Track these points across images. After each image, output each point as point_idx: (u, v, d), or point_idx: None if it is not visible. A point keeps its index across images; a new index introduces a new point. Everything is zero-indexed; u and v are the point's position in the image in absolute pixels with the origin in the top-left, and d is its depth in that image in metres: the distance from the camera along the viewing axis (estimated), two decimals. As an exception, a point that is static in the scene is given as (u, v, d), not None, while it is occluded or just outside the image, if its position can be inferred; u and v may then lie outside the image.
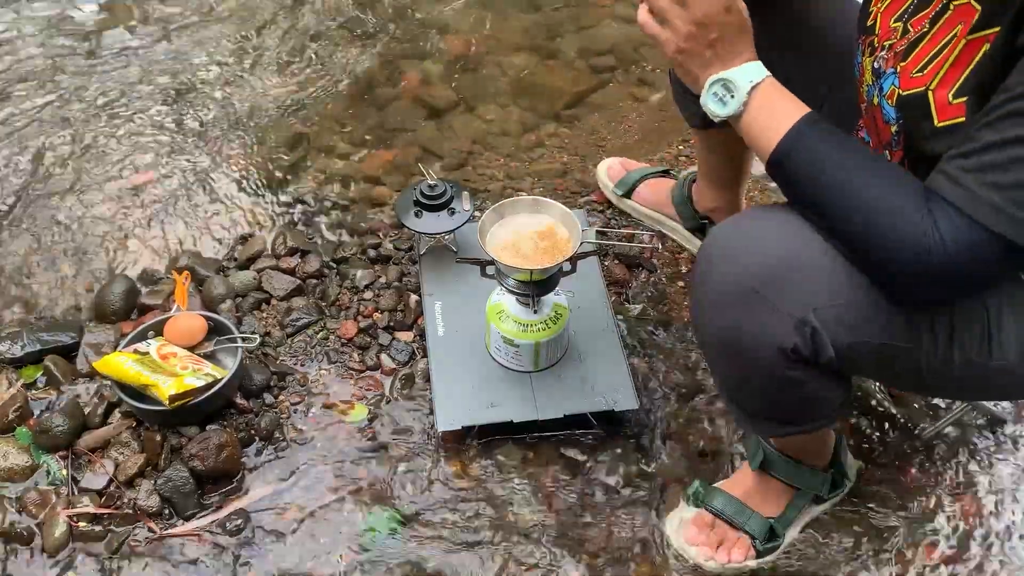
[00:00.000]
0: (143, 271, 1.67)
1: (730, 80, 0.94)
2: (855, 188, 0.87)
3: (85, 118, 1.98)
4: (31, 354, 1.49)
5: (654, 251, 1.72)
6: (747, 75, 0.94)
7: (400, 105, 2.05)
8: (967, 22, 0.84)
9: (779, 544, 1.29)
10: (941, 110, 0.86)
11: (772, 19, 1.21)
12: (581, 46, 2.21)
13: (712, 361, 1.11)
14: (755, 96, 0.94)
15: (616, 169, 1.79)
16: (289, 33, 2.24)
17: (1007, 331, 0.96)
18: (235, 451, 1.36)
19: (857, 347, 0.94)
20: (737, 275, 0.95)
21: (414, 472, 1.38)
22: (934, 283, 0.85)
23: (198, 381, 1.35)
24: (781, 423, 1.10)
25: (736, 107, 0.94)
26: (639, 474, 1.39)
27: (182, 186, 1.84)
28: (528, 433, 1.41)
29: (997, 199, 0.79)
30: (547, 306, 1.39)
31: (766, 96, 0.94)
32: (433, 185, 1.52)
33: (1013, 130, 0.77)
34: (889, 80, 0.94)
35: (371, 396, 1.48)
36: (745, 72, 0.94)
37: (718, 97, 0.95)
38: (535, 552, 1.30)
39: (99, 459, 1.36)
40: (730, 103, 0.94)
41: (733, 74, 0.94)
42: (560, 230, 1.35)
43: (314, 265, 1.66)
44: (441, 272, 1.57)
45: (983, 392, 1.17)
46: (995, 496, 1.38)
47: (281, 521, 1.32)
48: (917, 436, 1.45)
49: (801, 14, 1.26)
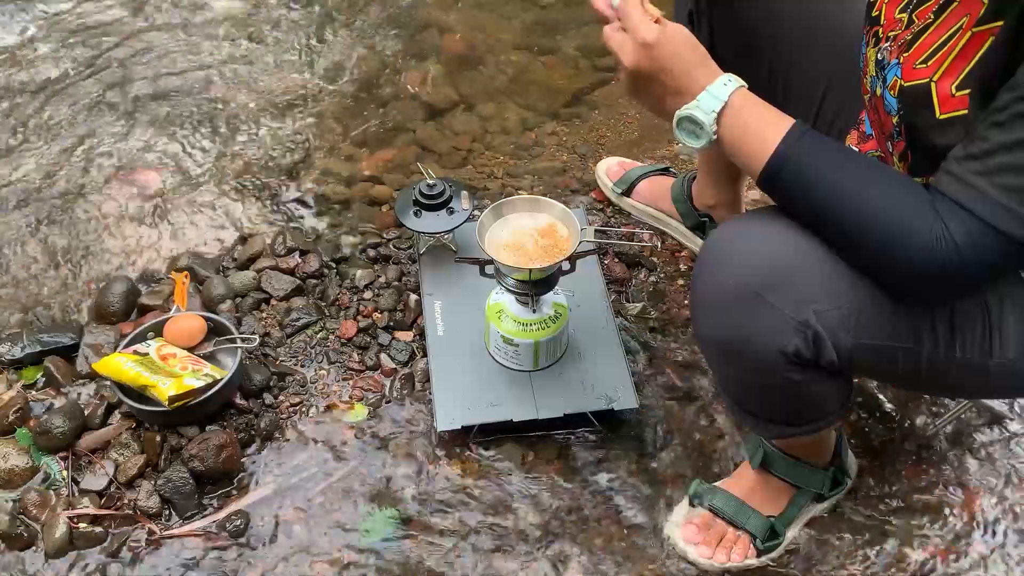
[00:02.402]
0: (143, 271, 1.67)
1: (691, 116, 0.92)
2: (856, 195, 0.86)
3: (84, 118, 1.98)
4: (31, 355, 1.49)
5: (654, 249, 1.72)
6: (709, 104, 0.91)
7: (399, 104, 2.04)
8: (973, 14, 0.84)
9: (780, 543, 1.29)
10: (943, 102, 0.86)
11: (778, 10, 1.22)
12: (581, 44, 2.21)
13: (712, 362, 1.11)
14: (725, 121, 0.91)
15: (615, 170, 1.79)
16: (289, 32, 2.23)
17: (1008, 329, 0.95)
18: (235, 451, 1.36)
19: (858, 348, 0.94)
20: (738, 277, 0.94)
21: (414, 472, 1.38)
22: (945, 285, 0.85)
23: (198, 382, 1.35)
24: (781, 424, 1.10)
25: (708, 139, 0.92)
26: (639, 473, 1.39)
27: (182, 186, 1.84)
28: (528, 432, 1.41)
29: (1009, 201, 0.79)
30: (546, 305, 1.39)
31: (737, 116, 0.91)
32: (432, 184, 1.52)
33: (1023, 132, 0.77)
34: (892, 71, 0.93)
35: (371, 396, 1.48)
36: (706, 101, 0.91)
37: (689, 132, 0.94)
38: (535, 551, 1.30)
39: (99, 460, 1.36)
40: (702, 135, 0.93)
41: (693, 109, 0.92)
42: (560, 229, 1.34)
43: (314, 265, 1.66)
44: (441, 271, 1.57)
45: (984, 390, 1.17)
46: (996, 494, 1.38)
47: (281, 521, 1.32)
48: (918, 434, 1.45)
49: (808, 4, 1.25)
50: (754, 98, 0.93)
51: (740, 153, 0.93)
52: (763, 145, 0.90)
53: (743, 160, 0.93)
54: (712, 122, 0.91)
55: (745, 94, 0.92)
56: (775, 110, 0.92)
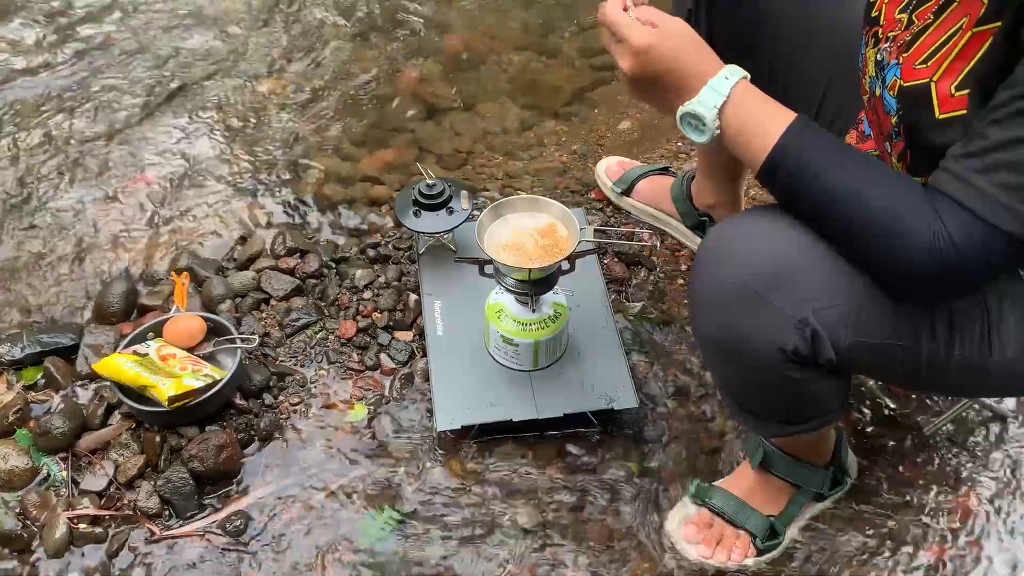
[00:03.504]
0: (142, 272, 1.67)
1: (694, 112, 0.92)
2: (856, 193, 0.86)
3: (83, 117, 1.98)
4: (31, 356, 1.49)
5: (653, 249, 1.72)
6: (710, 99, 0.91)
7: (399, 104, 2.04)
8: (973, 14, 0.84)
9: (779, 542, 1.29)
10: (943, 102, 0.86)
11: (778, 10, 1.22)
12: (580, 44, 2.21)
13: (711, 361, 1.11)
14: (727, 115, 0.91)
15: (615, 169, 1.79)
16: (288, 32, 2.23)
17: (1007, 327, 0.95)
18: (235, 452, 1.36)
19: (857, 347, 0.94)
20: (736, 275, 0.94)
21: (414, 472, 1.38)
22: (944, 282, 0.85)
23: (197, 382, 1.35)
24: (781, 423, 1.10)
25: (711, 133, 0.92)
26: (639, 473, 1.39)
27: (181, 186, 1.84)
28: (528, 432, 1.41)
29: (1007, 199, 0.79)
30: (546, 305, 1.39)
31: (739, 110, 0.91)
32: (432, 184, 1.52)
33: (1022, 130, 0.77)
34: (892, 71, 0.93)
35: (371, 396, 1.48)
36: (706, 96, 0.91)
37: (693, 127, 0.94)
38: (535, 551, 1.30)
39: (99, 461, 1.36)
40: (705, 130, 0.93)
41: (695, 105, 0.92)
42: (559, 228, 1.34)
43: (313, 265, 1.66)
44: (440, 271, 1.57)
45: (984, 388, 1.17)
46: (996, 492, 1.38)
47: (281, 521, 1.32)
48: (918, 433, 1.45)
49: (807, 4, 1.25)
50: (755, 91, 0.92)
51: (741, 146, 0.93)
52: (764, 138, 0.90)
53: (743, 153, 0.93)
54: (714, 117, 0.91)
55: (746, 87, 0.92)
56: (776, 103, 0.92)
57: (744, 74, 0.92)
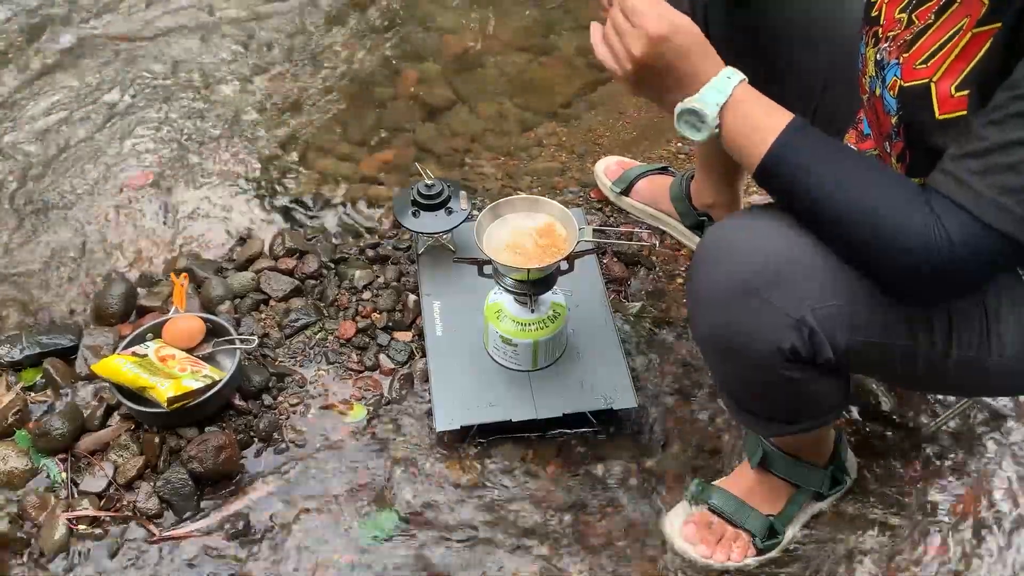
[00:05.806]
0: (141, 273, 1.67)
1: (695, 109, 0.92)
2: (853, 194, 0.86)
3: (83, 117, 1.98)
4: (30, 357, 1.49)
5: (652, 249, 1.72)
6: (712, 97, 0.91)
7: (398, 104, 2.04)
8: (974, 15, 0.84)
9: (779, 542, 1.29)
10: (943, 103, 0.86)
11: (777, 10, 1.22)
12: (579, 44, 2.21)
13: (710, 361, 1.11)
14: (727, 114, 0.91)
15: (614, 169, 1.79)
16: (288, 32, 2.23)
17: (1006, 327, 0.95)
18: (234, 452, 1.36)
19: (856, 346, 0.94)
20: (734, 275, 0.94)
21: (413, 472, 1.38)
22: (941, 283, 0.85)
23: (196, 383, 1.35)
24: (780, 422, 1.10)
25: (709, 132, 0.93)
26: (638, 472, 1.39)
27: (180, 187, 1.84)
28: (527, 432, 1.41)
29: (1005, 200, 0.79)
30: (545, 305, 1.39)
31: (739, 110, 0.91)
32: (431, 184, 1.52)
33: (1021, 131, 0.77)
34: (892, 71, 0.93)
35: (370, 396, 1.48)
36: (709, 94, 0.91)
37: (690, 124, 0.94)
38: (535, 551, 1.30)
39: (98, 462, 1.36)
40: (703, 128, 0.93)
41: (696, 102, 0.92)
42: (558, 228, 1.34)
43: (312, 266, 1.66)
44: (439, 272, 1.57)
45: (983, 388, 1.17)
46: (996, 492, 1.38)
47: (280, 522, 1.32)
48: (917, 432, 1.45)
49: (807, 4, 1.25)
50: (755, 92, 0.93)
51: (738, 146, 0.93)
52: (762, 138, 0.90)
53: (740, 153, 0.93)
54: (715, 115, 0.91)
55: (747, 88, 0.92)
56: (775, 104, 0.92)
57: (743, 76, 0.93)
